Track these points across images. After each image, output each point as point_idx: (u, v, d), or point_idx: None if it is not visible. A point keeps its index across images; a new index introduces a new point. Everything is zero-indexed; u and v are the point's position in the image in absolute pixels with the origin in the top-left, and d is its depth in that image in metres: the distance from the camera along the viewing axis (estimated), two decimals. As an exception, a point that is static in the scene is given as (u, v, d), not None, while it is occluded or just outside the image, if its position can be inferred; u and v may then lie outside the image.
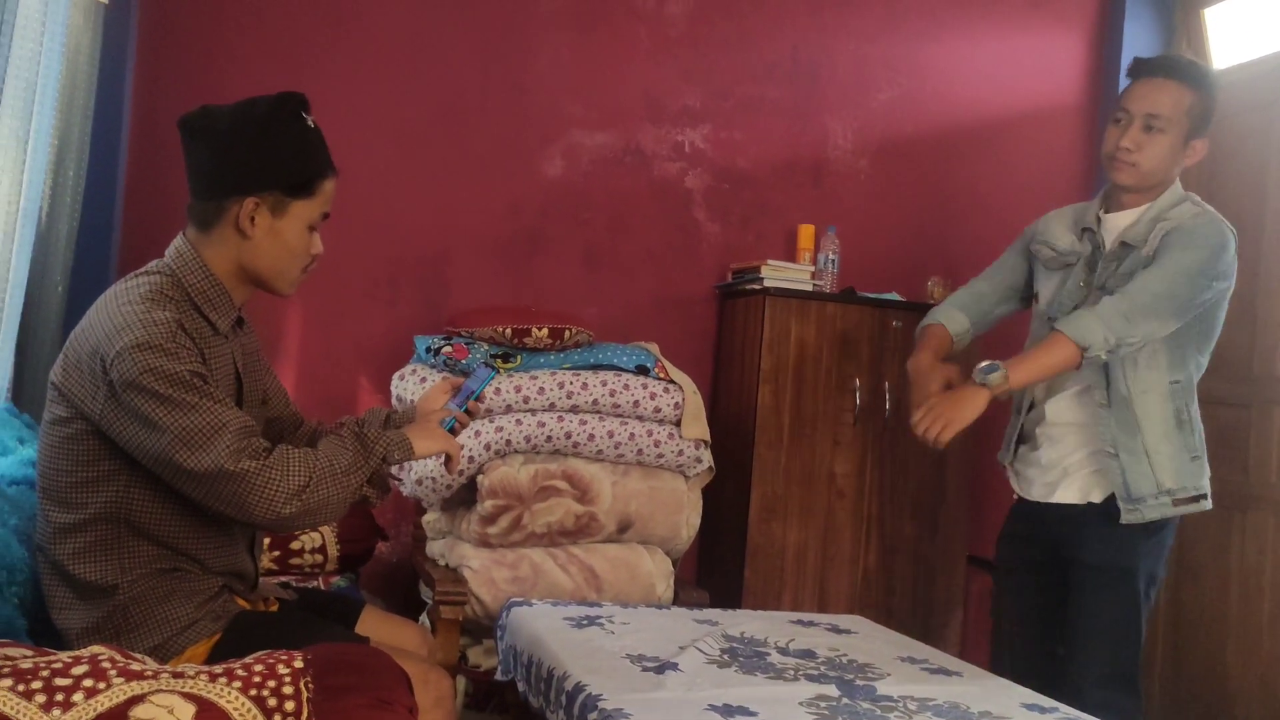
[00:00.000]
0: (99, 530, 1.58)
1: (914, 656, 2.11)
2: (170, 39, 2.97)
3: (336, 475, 1.59)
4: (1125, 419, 2.29)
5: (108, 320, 1.54)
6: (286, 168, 1.65)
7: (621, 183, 3.36)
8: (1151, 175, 2.29)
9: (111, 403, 1.52)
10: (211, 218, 1.66)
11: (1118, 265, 2.31)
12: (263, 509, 1.52)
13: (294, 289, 1.75)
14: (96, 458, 1.57)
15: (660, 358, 2.88)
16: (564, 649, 1.91)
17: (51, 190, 2.37)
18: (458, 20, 3.21)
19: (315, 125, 1.71)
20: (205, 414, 1.50)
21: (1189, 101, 2.26)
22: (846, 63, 3.52)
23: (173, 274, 1.64)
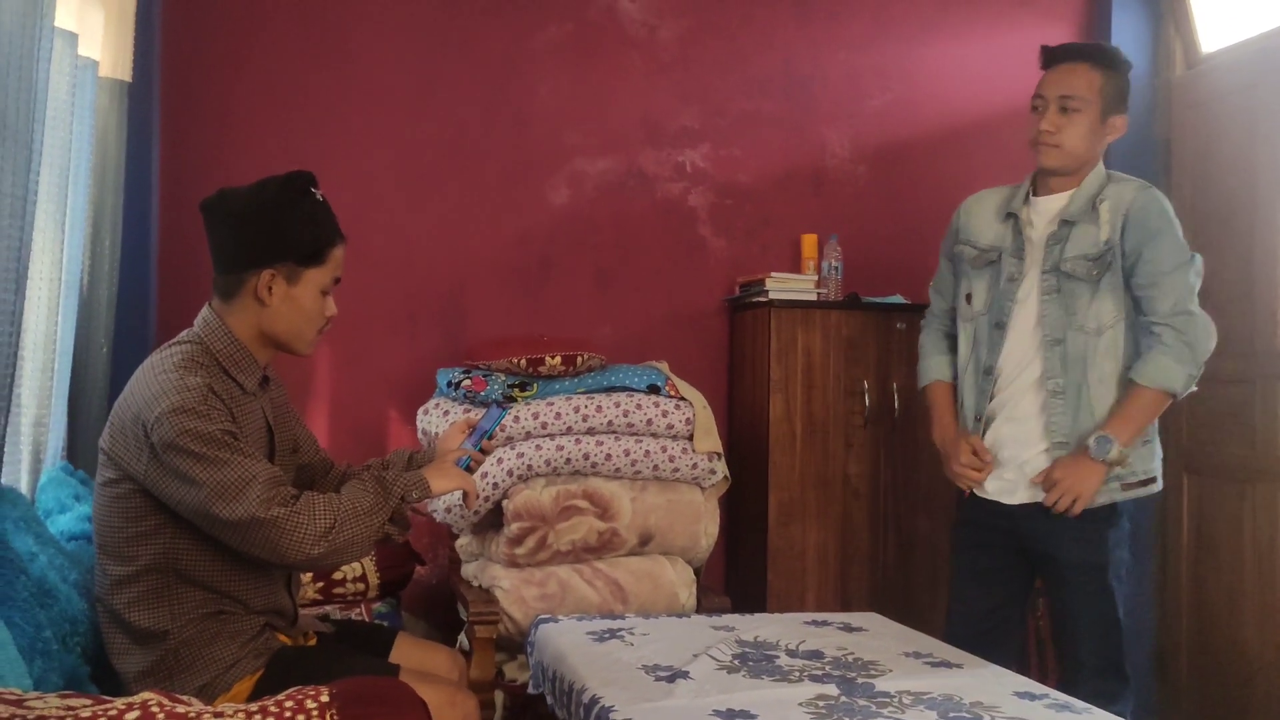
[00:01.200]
0: (150, 580, 1.75)
1: (919, 651, 2.21)
2: (192, 107, 3.15)
3: (359, 516, 1.74)
4: (1079, 408, 2.36)
5: (146, 389, 1.71)
6: (298, 240, 1.82)
7: (627, 206, 3.49)
8: (1075, 155, 2.40)
9: (154, 463, 1.69)
10: (233, 289, 1.83)
11: (1063, 246, 2.38)
12: (294, 551, 1.67)
13: (311, 349, 1.93)
14: (144, 514, 1.74)
15: (670, 376, 3.01)
16: (583, 663, 2.04)
17: (90, 262, 2.55)
18: (458, 62, 3.36)
19: (323, 198, 1.88)
20: (237, 468, 1.66)
21: (1100, 81, 2.39)
22: (838, 73, 3.62)
23: (201, 342, 1.82)
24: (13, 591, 1.60)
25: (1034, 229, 2.47)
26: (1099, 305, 2.36)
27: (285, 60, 3.24)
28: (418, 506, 2.02)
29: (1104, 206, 2.37)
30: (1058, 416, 2.37)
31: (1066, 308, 2.38)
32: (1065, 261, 2.37)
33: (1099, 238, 2.36)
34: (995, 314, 2.48)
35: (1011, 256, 2.48)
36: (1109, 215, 2.35)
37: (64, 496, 2.19)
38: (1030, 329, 2.44)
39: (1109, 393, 2.37)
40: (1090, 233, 2.37)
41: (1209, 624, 3.33)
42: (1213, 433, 3.32)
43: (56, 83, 2.14)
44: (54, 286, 2.23)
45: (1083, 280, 2.36)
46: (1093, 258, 2.36)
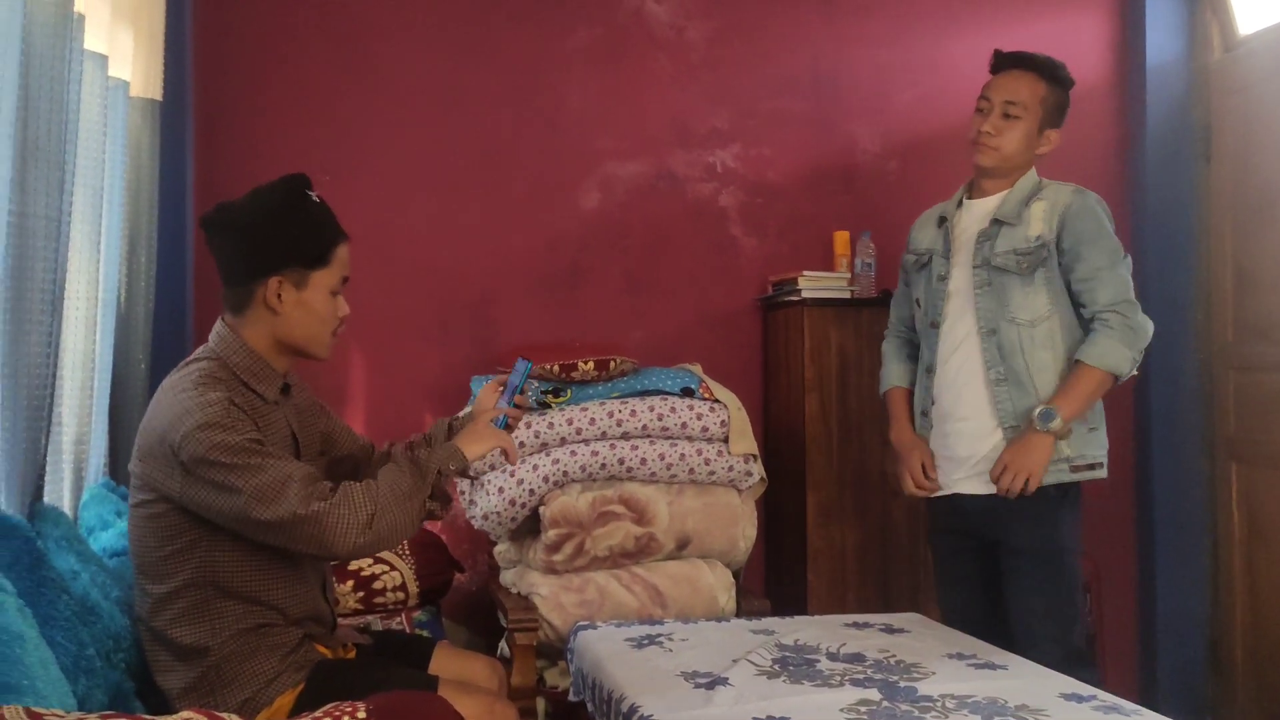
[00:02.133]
0: (190, 596, 1.76)
1: (962, 652, 2.19)
2: (223, 122, 3.19)
3: (399, 500, 1.75)
4: (1024, 395, 2.43)
5: (168, 410, 1.73)
6: (301, 244, 1.83)
7: (657, 208, 3.48)
8: (1011, 159, 2.51)
9: (188, 480, 1.70)
10: (243, 301, 1.84)
11: (992, 242, 2.48)
12: (340, 542, 1.68)
13: (328, 352, 1.93)
14: (179, 531, 1.75)
15: (704, 378, 3.00)
16: (622, 670, 2.03)
17: (127, 278, 2.58)
18: (487, 68, 3.37)
19: (320, 200, 1.88)
20: (271, 471, 1.67)
21: (1043, 92, 2.50)
22: (865, 69, 3.59)
23: (218, 357, 1.83)
24: (55, 611, 1.62)
25: (963, 229, 2.57)
26: (1033, 298, 2.44)
27: (314, 72, 3.27)
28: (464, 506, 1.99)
29: (1037, 206, 2.47)
30: (1005, 403, 2.44)
31: (999, 300, 2.46)
32: (995, 256, 2.46)
33: (1029, 234, 2.46)
34: (930, 313, 2.59)
35: (941, 257, 2.58)
36: (1043, 214, 2.46)
37: (106, 513, 2.22)
38: (962, 324, 2.52)
39: (1050, 380, 2.44)
40: (1020, 230, 2.47)
41: (1264, 613, 3.26)
42: (1259, 420, 3.26)
43: (88, 104, 2.16)
44: (91, 305, 2.25)
45: (1013, 273, 2.45)
46: (1022, 252, 2.45)
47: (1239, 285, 3.35)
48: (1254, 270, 3.29)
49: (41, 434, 1.87)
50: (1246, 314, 3.33)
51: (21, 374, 1.80)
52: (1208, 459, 3.45)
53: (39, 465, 1.88)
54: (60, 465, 2.14)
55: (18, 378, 1.79)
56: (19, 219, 1.78)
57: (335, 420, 2.17)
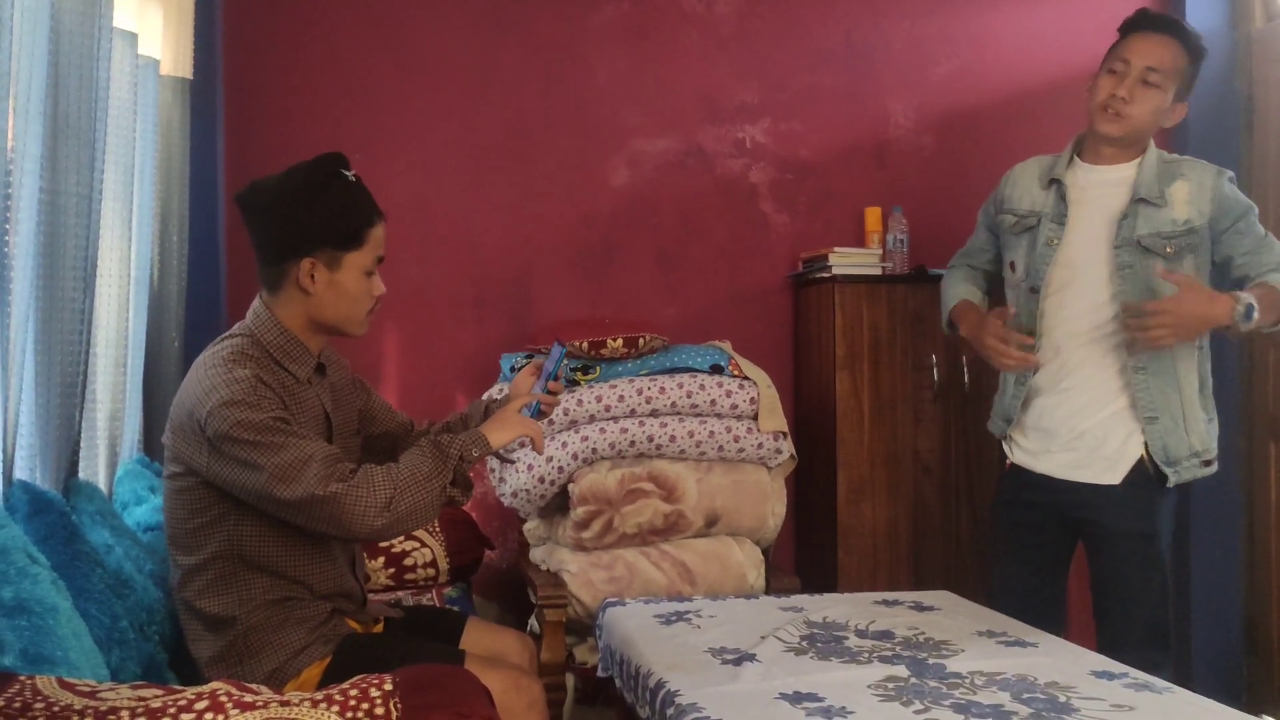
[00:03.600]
0: (218, 568, 1.78)
1: (993, 630, 2.17)
2: (254, 100, 3.19)
3: (419, 483, 1.74)
4: (1167, 383, 2.35)
5: (198, 385, 1.74)
6: (333, 225, 1.81)
7: (687, 184, 3.45)
8: (1138, 130, 2.37)
9: (213, 455, 1.71)
10: (277, 281, 1.84)
11: (1134, 221, 2.35)
12: (358, 524, 1.68)
13: (364, 329, 1.92)
14: (208, 504, 1.77)
15: (734, 355, 2.98)
16: (650, 646, 2.03)
17: (160, 256, 2.60)
18: (516, 46, 3.35)
19: (356, 178, 1.85)
20: (293, 450, 1.68)
21: (1184, 63, 2.35)
22: (902, 41, 3.54)
23: (252, 334, 1.84)
24: (89, 584, 1.65)
25: (1081, 194, 2.44)
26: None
27: (344, 50, 3.27)
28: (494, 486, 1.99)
29: (1180, 187, 2.35)
30: (1143, 392, 2.34)
31: (1142, 284, 2.34)
32: (1143, 238, 2.34)
33: (1174, 216, 2.34)
34: (1031, 278, 2.47)
35: (1051, 222, 2.45)
36: (1188, 197, 2.34)
37: (140, 489, 2.25)
38: (1082, 299, 2.40)
39: (1191, 369, 2.37)
40: (1165, 213, 2.35)
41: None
42: (1302, 400, 3.20)
43: (118, 82, 2.18)
44: (123, 283, 2.27)
45: (1159, 256, 2.34)
46: (1168, 235, 2.34)
47: (1282, 259, 3.28)
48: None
49: (75, 410, 1.89)
50: (1289, 289, 3.26)
51: (55, 351, 1.83)
52: (1245, 437, 3.39)
53: (73, 441, 1.90)
54: (95, 441, 2.17)
55: (51, 355, 1.81)
56: (50, 196, 1.80)
57: (375, 397, 2.17)
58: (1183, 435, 2.34)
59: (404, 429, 2.16)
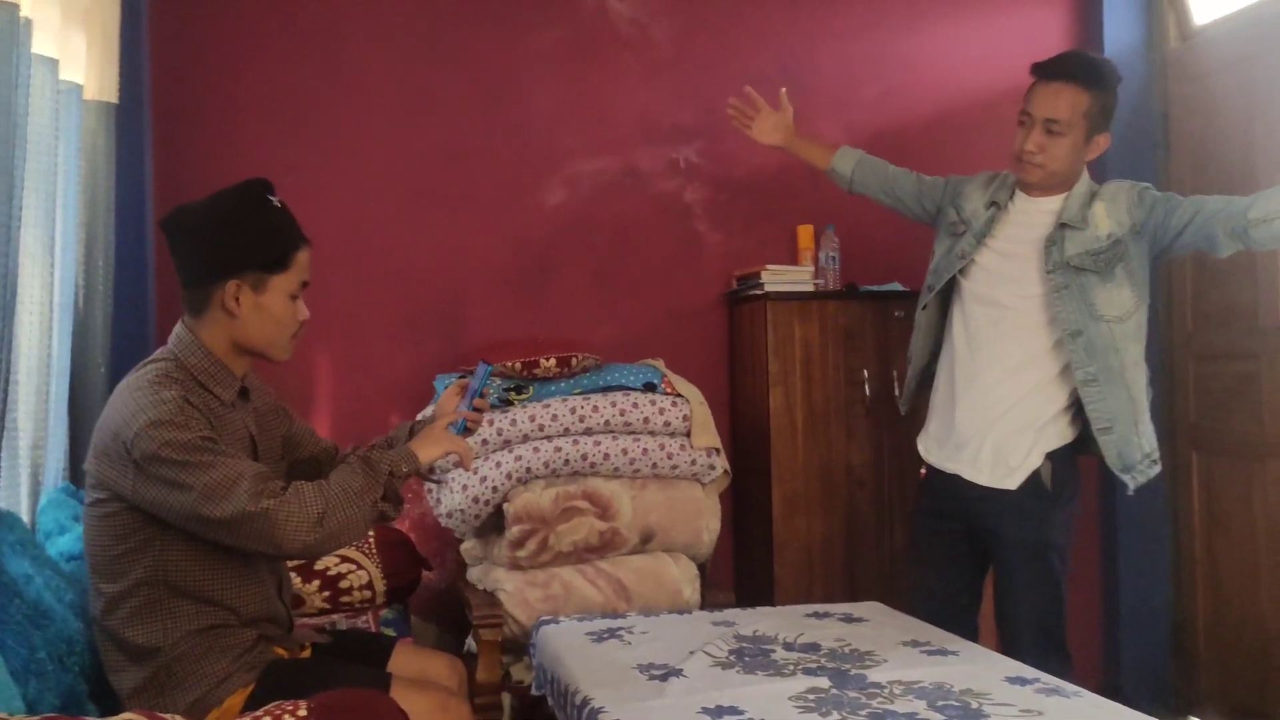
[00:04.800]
0: (142, 595, 1.77)
1: (918, 640, 2.21)
2: (184, 124, 3.17)
3: (350, 498, 1.75)
4: (1119, 392, 2.41)
5: (123, 408, 1.74)
6: (259, 248, 1.83)
7: (623, 204, 3.49)
8: (1058, 174, 2.46)
9: (140, 477, 1.70)
10: (201, 304, 1.84)
11: (1061, 246, 2.45)
12: (290, 540, 1.69)
13: (288, 355, 1.93)
14: (132, 530, 1.76)
15: (667, 372, 3.01)
16: (578, 664, 2.05)
17: (84, 282, 2.57)
18: (452, 68, 3.37)
19: (281, 204, 1.88)
20: (222, 469, 1.68)
21: (1086, 104, 2.41)
22: (831, 64, 3.61)
23: (175, 358, 1.83)
24: (6, 615, 1.63)
25: (1011, 221, 2.54)
26: (1115, 293, 2.42)
27: (277, 73, 3.26)
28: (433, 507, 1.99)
29: (1098, 206, 2.44)
30: (1097, 404, 2.41)
31: (1081, 300, 2.42)
32: (1072, 258, 2.42)
33: (1099, 234, 2.43)
34: (933, 279, 2.62)
35: (973, 237, 2.57)
36: (1106, 212, 2.43)
37: (64, 518, 2.22)
38: (1023, 319, 2.49)
39: (1142, 375, 2.45)
40: (1088, 233, 2.43)
41: (1224, 600, 3.30)
42: (1219, 410, 3.29)
43: (38, 109, 2.16)
44: (45, 310, 2.25)
45: (1091, 272, 2.42)
46: (1095, 252, 2.42)
47: (1197, 274, 3.39)
48: (1212, 259, 3.29)
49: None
50: (1205, 303, 3.36)
51: (-28, 380, 1.81)
52: (1169, 447, 3.47)
53: (-8, 470, 1.88)
54: (17, 470, 2.14)
55: (-32, 383, 1.80)
56: (-34, 225, 1.78)
57: (298, 423, 2.18)
58: (1135, 440, 2.42)
59: (328, 454, 2.16)
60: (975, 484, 2.49)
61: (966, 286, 2.58)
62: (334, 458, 2.17)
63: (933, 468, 2.63)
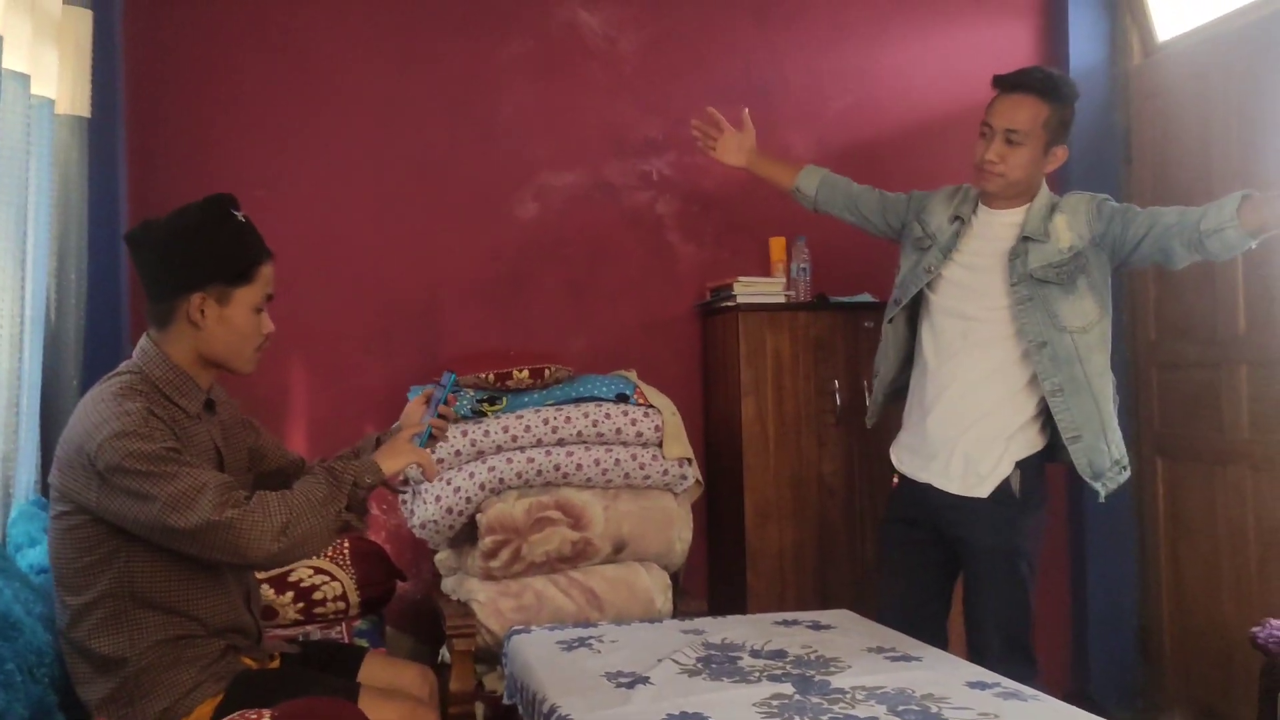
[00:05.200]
0: (107, 606, 1.78)
1: (883, 646, 2.24)
2: (157, 137, 3.19)
3: (314, 507, 1.78)
4: (1085, 401, 2.46)
5: (87, 420, 1.75)
6: (224, 262, 1.86)
7: (595, 217, 3.52)
8: (1017, 184, 2.52)
9: (104, 489, 1.72)
10: (166, 316, 1.87)
11: (1024, 259, 2.50)
12: (254, 549, 1.71)
13: (252, 367, 1.96)
14: (97, 542, 1.77)
15: (639, 384, 3.04)
16: (547, 672, 2.07)
17: (56, 294, 2.58)
18: (423, 80, 3.40)
19: (245, 218, 1.91)
20: (186, 479, 1.70)
21: (1045, 115, 2.47)
22: (799, 77, 3.65)
23: (140, 371, 1.85)
24: (-28, 627, 1.64)
25: (975, 235, 2.59)
26: (1079, 304, 2.47)
27: (249, 85, 3.28)
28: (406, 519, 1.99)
29: (1059, 219, 2.49)
30: (1064, 413, 2.46)
31: (1045, 312, 2.48)
32: (1035, 270, 2.47)
33: (1060, 246, 2.48)
34: (901, 295, 2.66)
35: (939, 251, 2.61)
36: (1067, 225, 2.48)
37: (34, 530, 2.22)
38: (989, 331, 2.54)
39: (1108, 384, 2.50)
40: (1050, 245, 2.48)
41: (1189, 604, 3.35)
42: (1181, 417, 3.35)
43: (9, 123, 2.18)
44: (15, 322, 2.26)
45: (1053, 284, 2.47)
46: (1057, 264, 2.47)
47: (1160, 284, 3.45)
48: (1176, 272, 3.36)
49: (-35, 453, 1.89)
50: (1168, 313, 3.43)
51: (-60, 393, 1.82)
52: (1134, 454, 3.52)
53: (-39, 484, 1.89)
54: (-13, 482, 2.15)
55: (-64, 396, 1.81)
56: (-64, 240, 1.80)
57: (264, 435, 2.19)
58: (1103, 448, 2.47)
59: (295, 467, 2.18)
60: (946, 492, 2.53)
61: (934, 300, 2.63)
62: (301, 471, 2.18)
63: (905, 477, 2.66)
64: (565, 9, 3.50)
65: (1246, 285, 3.09)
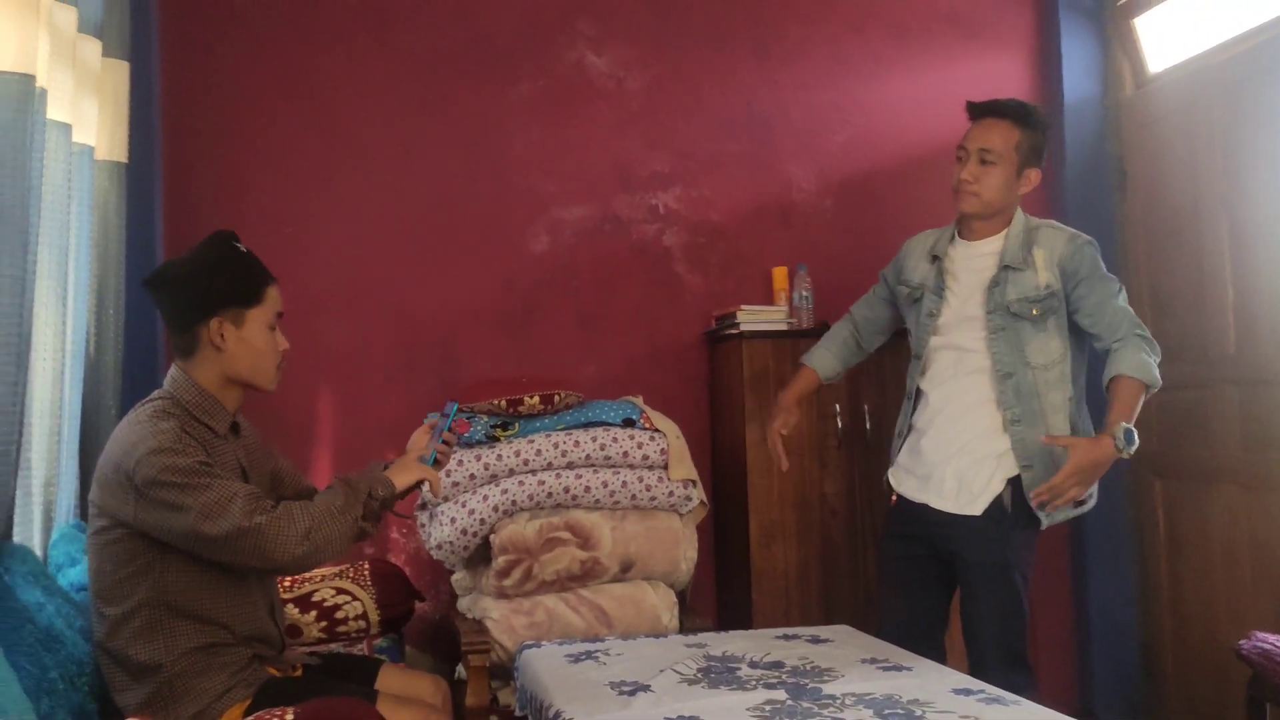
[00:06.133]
0: (144, 615, 1.93)
1: (876, 658, 2.34)
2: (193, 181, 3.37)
3: (333, 515, 1.93)
4: (1037, 434, 2.55)
5: (124, 440, 1.93)
6: (234, 287, 2.06)
7: (604, 249, 3.66)
8: (992, 204, 2.62)
9: (141, 502, 1.88)
10: (191, 345, 2.05)
11: (1003, 289, 2.59)
12: (280, 552, 1.86)
13: (275, 384, 2.13)
14: (134, 555, 1.92)
15: (645, 408, 3.17)
16: (555, 682, 2.18)
17: (96, 330, 2.74)
18: (439, 122, 3.56)
19: (247, 249, 2.12)
20: (218, 489, 1.86)
21: (1017, 138, 2.59)
22: (799, 111, 3.79)
23: (171, 396, 2.03)
24: (18, 638, 1.78)
25: (959, 268, 2.70)
26: (1046, 343, 2.58)
27: (279, 130, 3.46)
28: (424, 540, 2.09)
29: (1038, 253, 2.59)
30: (1019, 443, 2.57)
31: (1015, 345, 2.59)
32: (1011, 303, 2.58)
33: (1038, 281, 2.58)
34: (917, 346, 2.75)
35: (933, 294, 2.72)
36: (1044, 262, 2.57)
37: (74, 551, 2.37)
38: (955, 348, 2.66)
39: (1061, 420, 2.58)
40: (1029, 277, 2.58)
41: (1188, 621, 3.42)
42: (1175, 436, 3.43)
43: (52, 170, 2.34)
44: (58, 356, 2.41)
45: (1027, 320, 2.58)
46: (1033, 300, 2.58)
47: (1154, 307, 3.54)
48: (1167, 293, 3.48)
49: (10, 477, 2.03)
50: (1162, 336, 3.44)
51: (-12, 422, 1.96)
52: (1132, 474, 3.62)
53: (7, 507, 2.03)
54: (30, 506, 2.29)
55: (-16, 425, 1.95)
56: (-15, 279, 1.95)
57: (283, 462, 2.36)
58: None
59: (309, 492, 2.34)
60: (941, 510, 2.63)
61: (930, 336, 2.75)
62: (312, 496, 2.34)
63: (902, 496, 2.77)
64: (573, 51, 3.66)
65: (1236, 306, 3.18)
